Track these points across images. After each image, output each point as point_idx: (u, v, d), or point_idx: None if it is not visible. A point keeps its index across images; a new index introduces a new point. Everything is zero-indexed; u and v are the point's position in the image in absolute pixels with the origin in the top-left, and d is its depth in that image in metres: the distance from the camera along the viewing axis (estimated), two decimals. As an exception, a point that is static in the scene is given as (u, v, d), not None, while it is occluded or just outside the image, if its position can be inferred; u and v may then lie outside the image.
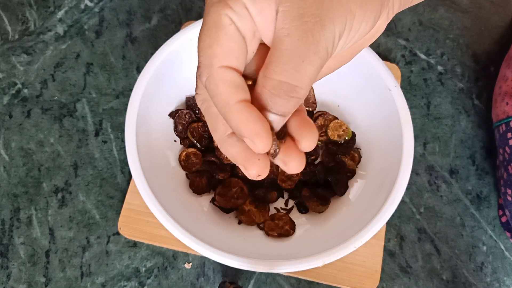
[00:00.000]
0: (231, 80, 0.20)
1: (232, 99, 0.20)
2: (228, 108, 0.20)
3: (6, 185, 0.47)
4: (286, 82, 0.19)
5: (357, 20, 0.20)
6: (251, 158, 0.21)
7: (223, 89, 0.20)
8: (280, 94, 0.20)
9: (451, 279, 0.46)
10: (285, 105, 0.20)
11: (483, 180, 0.50)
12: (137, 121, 0.41)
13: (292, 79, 0.19)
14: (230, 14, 0.20)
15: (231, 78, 0.20)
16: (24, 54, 0.52)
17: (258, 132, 0.20)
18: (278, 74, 0.19)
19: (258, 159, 0.21)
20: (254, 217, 0.44)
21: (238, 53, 0.20)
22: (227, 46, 0.20)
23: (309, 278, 0.44)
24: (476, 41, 0.55)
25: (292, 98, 0.20)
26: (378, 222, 0.39)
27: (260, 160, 0.21)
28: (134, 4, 0.55)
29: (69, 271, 0.45)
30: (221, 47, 0.20)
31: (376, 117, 0.46)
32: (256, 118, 0.20)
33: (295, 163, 0.22)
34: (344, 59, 0.26)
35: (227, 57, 0.20)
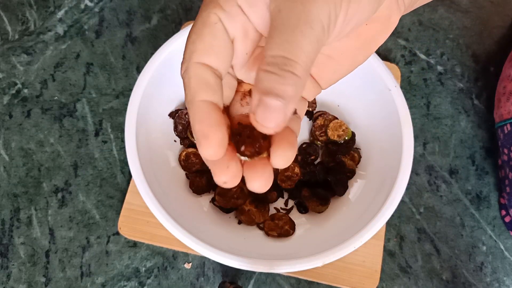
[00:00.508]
0: (203, 78, 0.20)
1: (197, 96, 0.19)
2: (191, 104, 0.20)
3: (6, 185, 0.47)
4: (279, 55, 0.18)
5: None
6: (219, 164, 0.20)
7: (193, 84, 0.20)
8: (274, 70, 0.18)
9: (451, 279, 0.46)
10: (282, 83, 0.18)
11: (483, 180, 0.50)
12: (137, 121, 0.41)
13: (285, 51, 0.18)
14: (218, 13, 0.20)
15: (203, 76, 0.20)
16: (24, 54, 0.52)
17: (207, 134, 0.19)
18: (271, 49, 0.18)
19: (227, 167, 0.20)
20: (254, 217, 0.44)
21: (220, 51, 0.20)
22: (208, 43, 0.20)
23: (309, 278, 0.44)
24: (476, 41, 0.55)
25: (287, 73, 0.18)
26: (378, 222, 0.39)
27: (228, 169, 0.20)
28: (134, 4, 0.55)
29: (69, 271, 0.45)
30: (203, 44, 0.20)
31: (376, 117, 0.46)
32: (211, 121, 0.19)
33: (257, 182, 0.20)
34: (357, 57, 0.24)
35: (206, 54, 0.20)
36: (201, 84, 0.20)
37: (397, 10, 0.23)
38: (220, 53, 0.20)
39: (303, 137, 0.49)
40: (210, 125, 0.19)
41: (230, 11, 0.20)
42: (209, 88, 0.20)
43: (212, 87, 0.20)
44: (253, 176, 0.20)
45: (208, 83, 0.20)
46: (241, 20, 0.20)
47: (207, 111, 0.19)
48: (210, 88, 0.20)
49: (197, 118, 0.19)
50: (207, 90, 0.20)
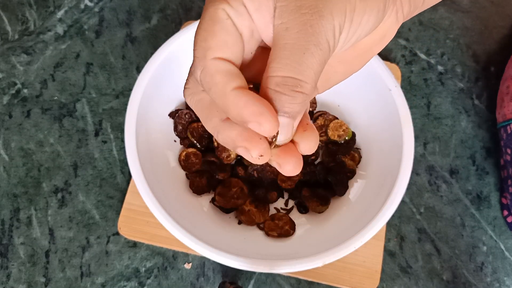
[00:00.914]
0: (226, 70, 0.20)
1: (229, 87, 0.19)
2: (226, 97, 0.19)
3: (6, 185, 0.47)
4: (289, 76, 0.19)
5: (358, 13, 0.20)
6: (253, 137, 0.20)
7: (219, 78, 0.19)
8: (285, 91, 0.19)
9: (451, 279, 0.46)
10: (292, 102, 0.19)
11: (483, 180, 0.50)
12: (137, 121, 0.41)
13: (295, 73, 0.19)
14: (227, 9, 0.20)
15: (226, 68, 0.20)
16: (24, 54, 0.52)
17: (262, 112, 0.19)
18: (281, 70, 0.19)
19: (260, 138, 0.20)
20: (254, 217, 0.44)
21: (234, 47, 0.20)
22: (222, 39, 0.20)
23: (309, 278, 0.44)
24: (476, 41, 0.55)
25: (297, 93, 0.19)
26: (378, 222, 0.39)
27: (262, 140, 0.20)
28: (134, 4, 0.55)
29: (69, 271, 0.45)
30: (216, 40, 0.20)
31: (376, 117, 0.46)
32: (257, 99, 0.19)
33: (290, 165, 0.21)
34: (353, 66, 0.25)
35: (221, 50, 0.20)
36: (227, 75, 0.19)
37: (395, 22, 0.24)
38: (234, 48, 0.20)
39: (303, 137, 0.49)
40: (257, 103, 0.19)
41: (238, 9, 0.20)
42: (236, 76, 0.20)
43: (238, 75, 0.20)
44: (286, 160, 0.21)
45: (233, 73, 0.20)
46: (248, 19, 0.20)
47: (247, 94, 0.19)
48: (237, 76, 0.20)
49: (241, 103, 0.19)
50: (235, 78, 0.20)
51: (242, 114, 0.19)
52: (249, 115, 0.19)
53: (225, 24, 0.20)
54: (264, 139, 0.20)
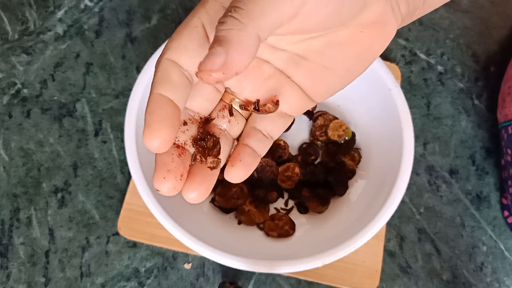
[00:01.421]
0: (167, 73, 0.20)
1: (156, 89, 0.20)
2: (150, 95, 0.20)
3: (5, 185, 0.47)
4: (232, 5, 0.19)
5: None
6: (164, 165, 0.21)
7: (157, 77, 0.20)
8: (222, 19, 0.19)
9: (451, 279, 0.46)
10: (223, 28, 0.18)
11: (483, 180, 0.50)
12: (137, 121, 0.41)
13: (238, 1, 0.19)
14: (202, 16, 0.21)
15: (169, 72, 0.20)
16: (23, 54, 0.52)
17: (150, 125, 0.19)
18: None
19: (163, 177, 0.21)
20: (254, 217, 0.44)
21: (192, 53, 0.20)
22: (183, 43, 0.20)
23: (309, 279, 0.44)
24: (476, 41, 0.55)
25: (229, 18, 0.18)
26: (378, 222, 0.39)
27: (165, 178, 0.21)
28: (134, 4, 0.54)
29: (68, 271, 0.45)
30: (178, 43, 0.20)
31: (376, 117, 0.46)
32: (160, 115, 0.19)
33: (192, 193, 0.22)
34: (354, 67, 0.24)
35: (178, 53, 0.20)
36: (163, 78, 0.20)
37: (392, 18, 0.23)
38: (192, 54, 0.21)
39: (303, 137, 0.49)
40: (158, 117, 0.19)
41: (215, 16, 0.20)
42: (170, 84, 0.20)
43: (174, 84, 0.20)
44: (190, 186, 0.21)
45: (170, 80, 0.20)
46: None
47: (159, 105, 0.19)
48: (171, 84, 0.20)
49: (148, 108, 0.19)
50: (167, 85, 0.20)
51: (145, 115, 0.20)
52: (145, 120, 0.19)
53: (192, 31, 0.21)
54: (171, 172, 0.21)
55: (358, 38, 0.23)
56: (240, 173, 0.22)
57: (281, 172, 0.46)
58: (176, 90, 0.20)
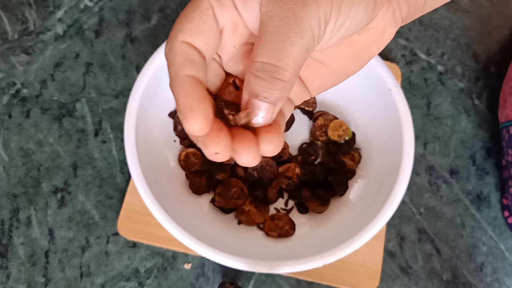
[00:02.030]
0: (189, 55, 0.20)
1: (182, 71, 0.20)
2: (175, 79, 0.20)
3: (5, 185, 0.47)
4: (269, 63, 0.19)
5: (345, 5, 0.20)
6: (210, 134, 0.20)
7: (178, 60, 0.20)
8: (264, 76, 0.19)
9: (451, 280, 0.46)
10: (270, 88, 0.19)
11: (483, 180, 0.50)
12: (137, 121, 0.41)
13: (274, 59, 0.19)
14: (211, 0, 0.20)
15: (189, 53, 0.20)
16: (23, 54, 0.52)
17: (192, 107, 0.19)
18: (261, 55, 0.19)
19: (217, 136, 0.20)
20: (254, 217, 0.44)
21: (206, 36, 0.20)
22: (196, 26, 0.20)
23: (309, 279, 0.44)
24: (476, 41, 0.55)
25: (276, 80, 0.19)
26: (378, 223, 0.39)
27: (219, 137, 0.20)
28: (133, 4, 0.54)
29: (68, 272, 0.45)
30: (190, 25, 0.20)
31: (376, 117, 0.45)
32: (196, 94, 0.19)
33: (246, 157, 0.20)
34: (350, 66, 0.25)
35: (192, 35, 0.20)
36: (186, 60, 0.20)
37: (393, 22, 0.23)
38: (206, 38, 0.20)
39: (303, 137, 0.49)
40: (195, 98, 0.19)
41: (223, 2, 0.20)
42: (194, 64, 0.20)
43: (197, 65, 0.20)
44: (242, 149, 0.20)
45: (193, 60, 0.20)
46: (232, 13, 0.21)
47: (192, 85, 0.19)
48: (195, 64, 0.20)
49: (181, 92, 0.19)
50: (192, 66, 0.20)
51: (178, 101, 0.19)
52: (181, 104, 0.19)
53: (204, 13, 0.20)
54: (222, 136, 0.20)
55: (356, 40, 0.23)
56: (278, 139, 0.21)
57: (282, 172, 0.46)
58: (201, 70, 0.20)
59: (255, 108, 0.20)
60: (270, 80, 0.19)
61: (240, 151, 0.20)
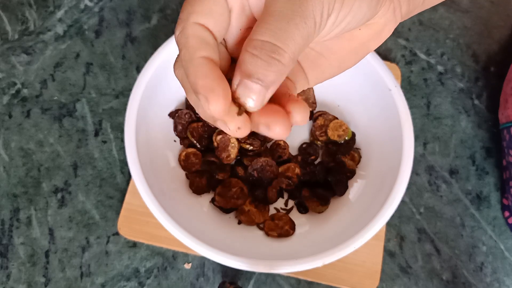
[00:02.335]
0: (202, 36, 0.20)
1: (197, 53, 0.19)
2: (191, 62, 0.19)
3: (5, 185, 0.47)
4: (269, 41, 0.19)
5: None
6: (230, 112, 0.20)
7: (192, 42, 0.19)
8: (261, 55, 0.19)
9: (451, 279, 0.46)
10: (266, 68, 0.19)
11: (483, 180, 0.50)
12: (137, 121, 0.41)
13: (275, 38, 0.18)
14: None
15: (202, 34, 0.20)
16: (23, 54, 0.52)
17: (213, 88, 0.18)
18: (262, 34, 0.19)
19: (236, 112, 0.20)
20: (254, 217, 0.44)
21: (218, 18, 0.20)
22: (208, 6, 0.20)
23: (309, 279, 0.44)
24: (476, 41, 0.55)
25: (273, 60, 0.19)
26: (378, 222, 0.39)
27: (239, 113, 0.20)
28: (133, 4, 0.55)
29: (68, 271, 0.45)
30: (202, 6, 0.20)
31: (376, 117, 0.46)
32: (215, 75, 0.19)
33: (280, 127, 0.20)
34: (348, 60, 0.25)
35: (204, 16, 0.20)
36: (200, 42, 0.19)
37: (393, 19, 0.24)
38: (218, 18, 0.20)
39: (303, 137, 0.49)
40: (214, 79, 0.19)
41: None
42: (209, 46, 0.20)
43: (212, 46, 0.20)
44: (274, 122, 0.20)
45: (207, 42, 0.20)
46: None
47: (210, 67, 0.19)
48: (210, 46, 0.20)
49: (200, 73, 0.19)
50: (207, 47, 0.20)
51: (196, 83, 0.19)
52: (201, 86, 0.19)
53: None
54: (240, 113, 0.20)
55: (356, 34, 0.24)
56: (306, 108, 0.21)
57: (282, 172, 0.46)
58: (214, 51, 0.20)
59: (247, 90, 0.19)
60: (267, 59, 0.18)
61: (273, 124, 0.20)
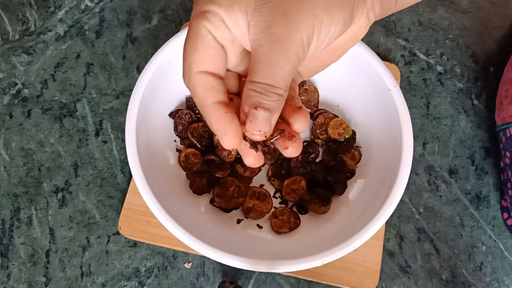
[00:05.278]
0: (207, 83, 0.23)
1: (208, 100, 0.23)
2: (204, 108, 0.23)
3: (6, 185, 0.47)
4: (264, 83, 0.23)
5: (325, 25, 0.23)
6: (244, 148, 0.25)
7: (200, 91, 0.23)
8: (262, 92, 0.23)
9: (450, 279, 0.46)
10: (269, 100, 0.23)
11: (483, 180, 0.50)
12: (137, 121, 0.41)
13: (269, 81, 0.23)
14: (207, 25, 0.23)
15: (206, 82, 0.23)
16: (24, 54, 0.52)
17: (225, 131, 0.23)
18: (257, 77, 0.23)
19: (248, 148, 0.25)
20: (261, 208, 0.44)
21: (215, 59, 0.23)
22: (204, 53, 0.23)
23: (308, 278, 0.44)
24: (476, 41, 0.56)
25: (272, 94, 0.23)
26: (377, 222, 0.39)
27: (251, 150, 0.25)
28: (134, 4, 0.55)
29: (69, 271, 0.45)
30: (199, 54, 0.23)
31: (375, 117, 0.46)
32: (226, 119, 0.23)
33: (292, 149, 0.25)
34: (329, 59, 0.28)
35: (203, 63, 0.23)
36: (207, 89, 0.23)
37: (367, 22, 0.26)
38: (215, 60, 0.23)
39: (304, 135, 0.49)
40: (225, 122, 0.23)
41: (217, 24, 0.23)
42: (215, 90, 0.23)
43: (217, 89, 0.23)
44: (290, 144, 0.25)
45: (212, 87, 0.23)
46: (226, 32, 0.23)
47: (219, 111, 0.23)
48: (216, 90, 0.23)
49: (213, 119, 0.23)
50: (214, 93, 0.23)
51: (212, 126, 0.24)
52: (216, 130, 0.23)
53: (206, 39, 0.23)
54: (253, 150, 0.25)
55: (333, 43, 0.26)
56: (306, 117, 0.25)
57: (287, 184, 0.46)
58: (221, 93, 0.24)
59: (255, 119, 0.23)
60: (268, 95, 0.23)
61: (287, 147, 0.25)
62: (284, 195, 0.46)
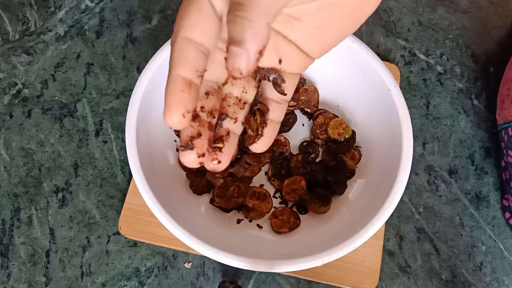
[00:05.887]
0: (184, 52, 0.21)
1: (175, 69, 0.21)
2: (169, 75, 0.21)
3: (6, 185, 0.47)
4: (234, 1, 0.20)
5: None
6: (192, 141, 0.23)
7: (174, 57, 0.21)
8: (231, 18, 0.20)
9: (450, 279, 0.46)
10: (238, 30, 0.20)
11: (482, 180, 0.50)
12: (138, 121, 0.41)
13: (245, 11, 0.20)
14: None
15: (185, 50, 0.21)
16: (24, 54, 0.52)
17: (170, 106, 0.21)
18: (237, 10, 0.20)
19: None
20: (262, 208, 0.44)
21: (206, 28, 0.21)
22: (194, 19, 0.21)
23: (308, 278, 0.44)
24: (476, 41, 0.56)
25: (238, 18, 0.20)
26: (377, 222, 0.39)
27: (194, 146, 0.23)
28: (134, 5, 0.55)
29: (69, 271, 0.45)
30: (189, 20, 0.21)
31: (375, 117, 0.46)
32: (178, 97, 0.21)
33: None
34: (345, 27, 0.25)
35: (191, 30, 0.21)
36: (181, 58, 0.21)
37: None
38: (205, 28, 0.21)
39: (304, 135, 0.49)
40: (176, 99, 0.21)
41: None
42: (187, 63, 0.21)
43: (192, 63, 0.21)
44: None
45: (187, 58, 0.21)
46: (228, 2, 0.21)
47: (178, 86, 0.21)
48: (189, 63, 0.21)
49: (168, 89, 0.21)
50: (185, 65, 0.21)
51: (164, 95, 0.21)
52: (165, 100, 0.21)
53: (200, 5, 0.21)
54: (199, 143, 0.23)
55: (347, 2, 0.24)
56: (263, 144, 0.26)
57: (287, 184, 0.46)
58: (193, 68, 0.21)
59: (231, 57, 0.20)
60: (234, 19, 0.20)
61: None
62: (284, 195, 0.46)
